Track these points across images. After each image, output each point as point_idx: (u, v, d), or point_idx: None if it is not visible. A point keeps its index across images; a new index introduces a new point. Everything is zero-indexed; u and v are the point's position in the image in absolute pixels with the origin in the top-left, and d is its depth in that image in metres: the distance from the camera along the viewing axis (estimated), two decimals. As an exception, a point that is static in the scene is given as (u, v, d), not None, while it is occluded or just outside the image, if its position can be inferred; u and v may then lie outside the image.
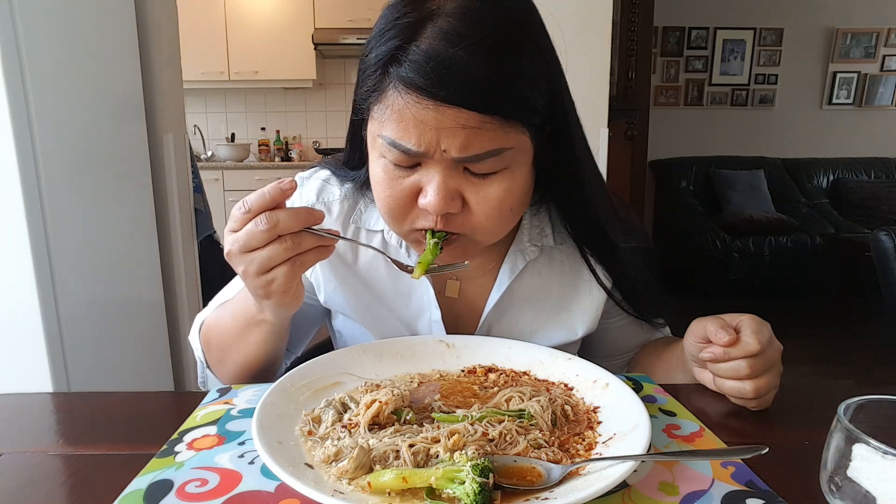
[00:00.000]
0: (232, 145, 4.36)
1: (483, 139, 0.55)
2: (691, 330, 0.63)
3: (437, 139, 0.55)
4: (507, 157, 0.58)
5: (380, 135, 0.58)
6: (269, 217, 0.53)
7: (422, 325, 0.77)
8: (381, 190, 0.61)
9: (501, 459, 0.47)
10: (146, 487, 0.45)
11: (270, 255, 0.54)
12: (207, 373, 0.75)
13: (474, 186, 0.59)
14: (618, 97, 3.39)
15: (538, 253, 0.75)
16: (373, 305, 0.77)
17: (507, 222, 0.64)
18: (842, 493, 0.39)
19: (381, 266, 0.76)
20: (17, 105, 1.19)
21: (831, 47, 4.90)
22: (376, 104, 0.58)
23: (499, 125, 0.55)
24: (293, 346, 0.84)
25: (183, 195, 1.82)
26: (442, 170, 0.57)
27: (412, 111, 0.54)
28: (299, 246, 0.54)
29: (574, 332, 0.77)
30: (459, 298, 0.77)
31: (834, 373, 2.93)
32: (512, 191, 0.60)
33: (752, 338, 0.57)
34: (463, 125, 0.54)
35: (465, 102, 0.53)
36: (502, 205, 0.60)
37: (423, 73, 0.52)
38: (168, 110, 1.78)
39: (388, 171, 0.60)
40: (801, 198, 4.61)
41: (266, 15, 4.31)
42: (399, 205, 0.61)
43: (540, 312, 0.77)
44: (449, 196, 0.58)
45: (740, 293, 4.01)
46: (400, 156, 0.58)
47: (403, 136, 0.56)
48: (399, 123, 0.56)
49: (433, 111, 0.54)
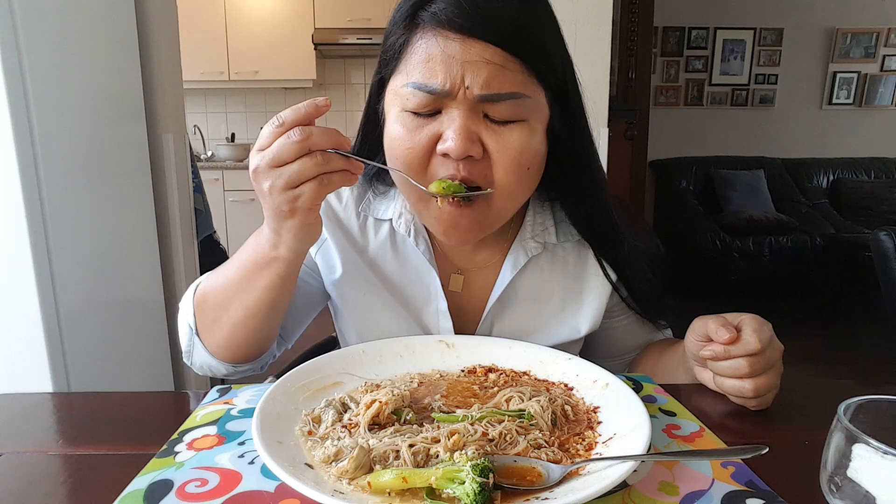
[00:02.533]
0: (232, 145, 4.36)
1: (505, 79, 0.58)
2: (692, 328, 0.63)
3: (462, 74, 0.57)
4: (526, 107, 0.60)
5: (405, 83, 0.60)
6: (302, 130, 0.52)
7: (428, 315, 0.77)
8: (400, 144, 0.62)
9: (501, 459, 0.47)
10: (146, 487, 0.45)
11: (301, 169, 0.53)
12: (195, 340, 0.71)
13: (494, 133, 0.60)
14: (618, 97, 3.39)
15: (541, 249, 0.76)
16: (381, 292, 0.76)
17: (524, 183, 0.65)
18: (842, 493, 0.39)
19: (388, 254, 0.76)
20: (17, 105, 1.19)
21: (831, 47, 4.90)
22: (402, 54, 0.61)
23: (520, 70, 0.58)
24: (287, 334, 0.81)
25: (183, 195, 1.83)
26: (463, 112, 0.59)
27: (440, 46, 0.58)
28: (329, 164, 0.54)
29: (577, 331, 0.77)
30: (463, 293, 0.77)
31: (834, 373, 2.93)
32: (529, 146, 0.62)
33: (753, 336, 0.58)
34: (487, 60, 0.57)
35: (490, 37, 0.57)
36: (521, 157, 0.61)
37: (453, 4, 0.57)
38: (168, 110, 1.78)
39: (408, 123, 0.61)
40: (801, 198, 4.61)
41: (266, 15, 4.31)
42: (418, 156, 0.61)
43: (543, 309, 0.77)
44: (469, 138, 0.59)
45: (740, 293, 4.01)
46: (423, 99, 0.59)
47: (429, 75, 0.58)
48: (426, 64, 0.59)
49: (459, 44, 0.57)
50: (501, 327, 0.77)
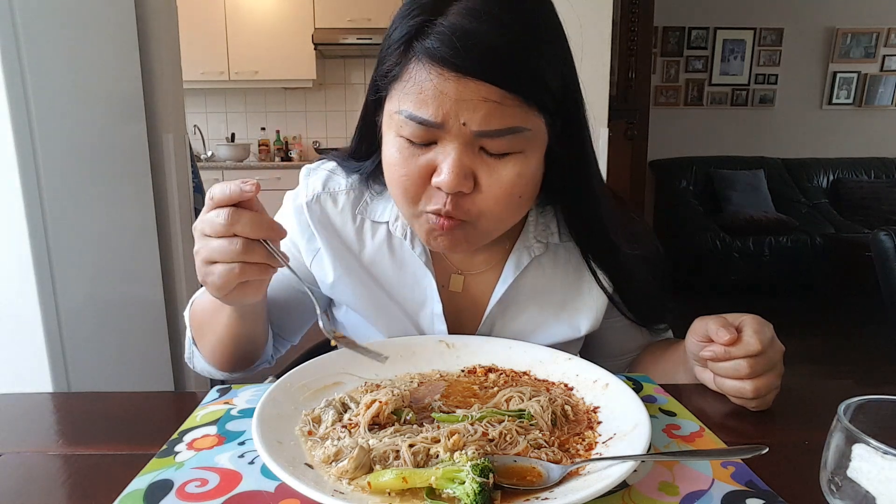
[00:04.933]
0: (232, 145, 4.36)
1: (503, 115, 0.56)
2: (693, 329, 0.63)
3: (457, 111, 0.56)
4: (524, 140, 0.59)
5: (398, 110, 0.59)
6: (229, 214, 0.51)
7: (423, 318, 0.76)
8: (396, 170, 0.61)
9: (501, 459, 0.47)
10: (146, 487, 0.45)
11: (218, 248, 0.52)
12: (194, 349, 0.77)
13: (488, 167, 0.60)
14: (618, 97, 3.39)
15: (543, 250, 0.76)
16: (377, 296, 0.76)
17: (513, 210, 0.64)
18: (842, 493, 0.39)
19: (385, 257, 0.76)
20: (17, 105, 1.19)
21: (831, 47, 4.90)
22: (396, 81, 0.59)
23: (518, 105, 0.57)
24: (288, 334, 0.83)
25: (183, 195, 1.83)
26: (458, 146, 0.58)
27: (434, 82, 0.56)
28: (246, 254, 0.52)
29: (577, 329, 0.77)
30: (463, 293, 0.77)
31: (834, 373, 2.93)
32: (523, 176, 0.61)
33: (754, 337, 0.57)
34: (484, 98, 0.55)
35: (487, 76, 0.54)
36: (513, 189, 0.61)
37: (448, 44, 0.54)
38: (168, 110, 1.78)
39: (403, 149, 0.60)
40: (801, 198, 4.61)
41: (266, 15, 4.31)
42: (413, 184, 0.61)
43: (544, 309, 0.77)
44: (463, 174, 0.58)
45: (740, 293, 4.02)
46: (417, 129, 0.58)
47: (423, 107, 0.57)
48: (419, 95, 0.57)
49: (454, 83, 0.55)
50: (503, 327, 0.77)
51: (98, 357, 1.43)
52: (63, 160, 1.32)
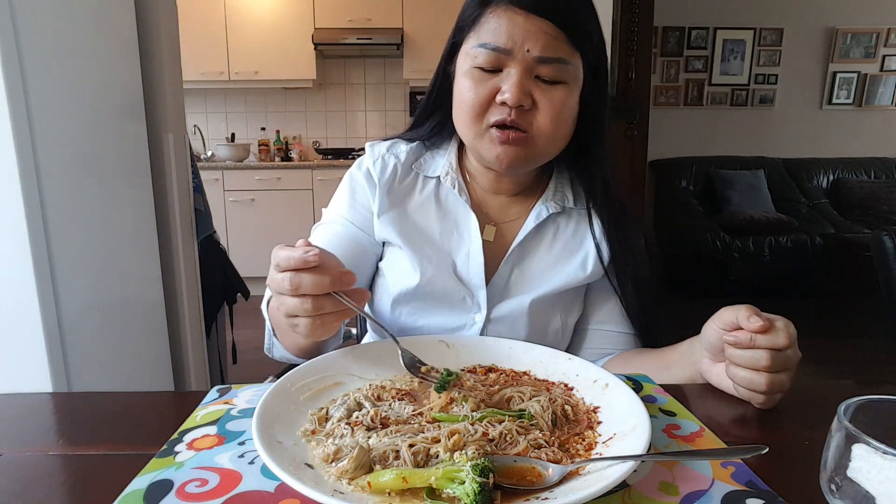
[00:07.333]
0: (232, 145, 4.36)
1: (557, 47, 0.73)
2: (719, 317, 0.63)
3: (524, 39, 0.72)
4: (568, 72, 0.75)
5: (475, 45, 0.75)
6: (292, 280, 0.55)
7: (460, 256, 0.86)
8: (467, 92, 0.76)
9: (501, 459, 0.47)
10: (146, 487, 0.45)
11: (293, 306, 0.57)
12: (273, 340, 0.82)
13: (542, 91, 0.75)
14: (618, 97, 3.39)
15: (559, 209, 0.87)
16: (419, 239, 0.86)
17: (560, 132, 0.78)
18: (842, 493, 0.39)
19: (431, 207, 0.88)
20: (17, 105, 1.19)
21: (831, 47, 4.90)
22: (475, 24, 0.76)
23: (566, 42, 0.73)
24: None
25: (183, 195, 1.82)
26: (521, 70, 0.73)
27: (508, 17, 0.73)
28: (318, 308, 0.57)
29: (585, 269, 0.85)
30: (493, 242, 0.88)
31: (834, 373, 2.93)
32: (567, 104, 0.76)
33: (783, 331, 0.58)
34: (544, 31, 0.72)
35: (547, 14, 0.72)
36: (561, 111, 0.75)
37: None
38: (168, 110, 1.77)
39: (475, 76, 0.76)
40: (801, 198, 4.61)
41: (266, 15, 4.31)
42: (480, 103, 0.76)
43: (554, 254, 0.87)
44: (523, 91, 0.73)
45: (740, 293, 4.01)
46: (490, 56, 0.74)
47: (497, 37, 0.73)
48: (496, 30, 0.74)
49: (523, 18, 0.72)
50: (520, 269, 0.87)
51: (98, 357, 1.43)
52: (63, 160, 1.32)
